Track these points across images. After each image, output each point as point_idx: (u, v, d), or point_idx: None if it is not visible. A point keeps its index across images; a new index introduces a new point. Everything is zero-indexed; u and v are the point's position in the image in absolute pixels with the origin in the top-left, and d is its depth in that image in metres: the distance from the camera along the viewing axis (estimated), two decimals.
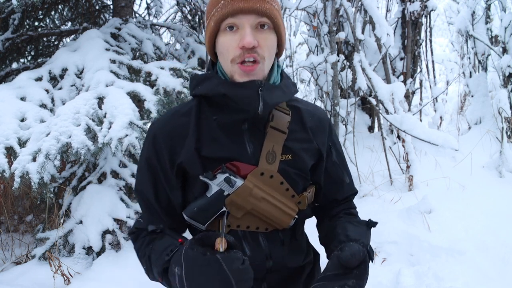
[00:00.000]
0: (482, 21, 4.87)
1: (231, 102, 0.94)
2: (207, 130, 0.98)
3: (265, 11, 0.90)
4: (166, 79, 2.71)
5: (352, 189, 1.17)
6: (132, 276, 2.33)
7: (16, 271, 2.45)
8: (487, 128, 4.19)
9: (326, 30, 3.80)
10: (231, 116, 0.96)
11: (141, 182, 1.02)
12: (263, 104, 0.92)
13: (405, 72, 4.36)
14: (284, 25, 1.00)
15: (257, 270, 0.95)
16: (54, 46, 4.32)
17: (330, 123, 1.12)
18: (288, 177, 1.00)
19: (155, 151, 0.99)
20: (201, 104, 1.01)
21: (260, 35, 0.91)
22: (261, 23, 0.91)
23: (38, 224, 3.26)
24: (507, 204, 3.04)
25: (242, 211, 0.97)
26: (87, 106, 2.44)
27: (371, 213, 3.04)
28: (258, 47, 0.90)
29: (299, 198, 1.03)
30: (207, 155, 0.96)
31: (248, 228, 1.00)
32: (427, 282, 2.36)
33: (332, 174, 1.11)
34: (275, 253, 1.02)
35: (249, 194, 0.95)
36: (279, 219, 1.00)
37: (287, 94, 1.00)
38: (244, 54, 0.90)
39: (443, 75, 8.84)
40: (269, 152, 0.98)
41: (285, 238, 1.04)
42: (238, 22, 0.90)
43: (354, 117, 3.95)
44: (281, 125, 1.00)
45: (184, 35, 4.23)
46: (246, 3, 0.89)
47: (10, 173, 2.14)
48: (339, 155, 1.14)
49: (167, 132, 0.99)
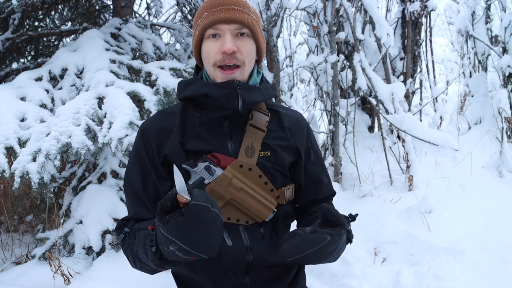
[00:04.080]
0: (482, 21, 4.86)
1: (213, 101, 1.02)
2: (191, 127, 1.07)
3: (243, 21, 1.01)
4: (166, 79, 2.71)
5: (331, 190, 1.24)
6: (132, 276, 2.33)
7: (16, 271, 2.45)
8: (487, 128, 4.19)
9: (326, 30, 3.80)
10: (212, 113, 1.05)
11: (130, 174, 1.09)
12: (242, 102, 1.01)
13: (405, 72, 4.36)
14: (263, 34, 1.12)
15: (238, 262, 1.04)
16: (54, 46, 4.32)
17: (308, 126, 1.21)
18: (267, 171, 1.07)
19: (144, 145, 1.07)
20: (186, 106, 1.10)
21: (240, 42, 1.02)
22: (240, 31, 1.02)
23: (38, 224, 3.26)
24: (507, 204, 3.04)
25: (222, 201, 1.03)
26: (87, 106, 2.44)
27: (371, 213, 3.04)
28: (238, 53, 1.01)
29: (278, 192, 1.09)
30: (191, 148, 1.04)
31: (229, 220, 1.05)
32: (427, 282, 2.36)
33: (311, 174, 1.19)
34: (255, 247, 1.06)
35: (228, 183, 1.02)
36: (258, 210, 1.05)
37: (265, 95, 1.09)
38: (225, 59, 1.01)
39: (443, 75, 8.84)
40: (248, 147, 1.06)
41: (266, 232, 1.09)
42: (220, 31, 1.01)
43: (354, 117, 3.95)
44: (260, 124, 1.09)
45: (184, 35, 4.23)
46: (227, 14, 1.00)
47: (10, 173, 2.14)
48: (318, 156, 1.22)
49: (155, 128, 1.08)
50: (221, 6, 1.02)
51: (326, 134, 4.11)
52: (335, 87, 3.70)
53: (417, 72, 4.56)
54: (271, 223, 1.10)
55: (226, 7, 1.01)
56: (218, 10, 1.01)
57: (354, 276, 2.50)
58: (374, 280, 2.46)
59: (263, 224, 1.08)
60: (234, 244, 1.04)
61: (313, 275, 2.59)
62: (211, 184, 1.01)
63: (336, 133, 3.71)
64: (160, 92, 2.65)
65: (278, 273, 1.11)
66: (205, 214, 0.83)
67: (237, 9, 1.02)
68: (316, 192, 1.20)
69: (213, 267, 1.05)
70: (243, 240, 1.05)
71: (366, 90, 3.59)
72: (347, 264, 2.58)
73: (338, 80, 3.75)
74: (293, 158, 1.14)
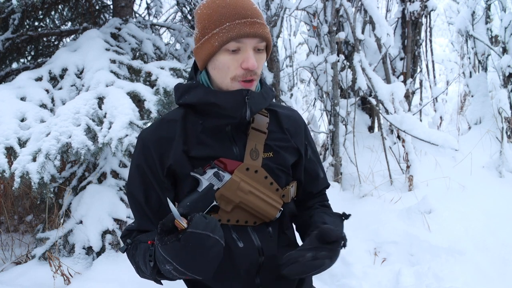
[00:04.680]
0: (482, 21, 4.86)
1: (219, 109, 1.02)
2: (193, 134, 1.06)
3: (265, 36, 1.01)
4: (166, 79, 2.71)
5: (325, 183, 1.28)
6: (132, 276, 2.33)
7: (16, 271, 2.45)
8: (487, 128, 4.19)
9: (326, 30, 3.80)
10: (217, 121, 1.05)
11: (132, 186, 1.09)
12: (250, 111, 1.02)
13: (405, 72, 4.36)
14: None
15: (250, 263, 1.05)
16: (54, 46, 4.32)
17: (304, 124, 1.23)
18: (271, 172, 1.09)
19: (145, 157, 1.06)
20: (186, 112, 1.09)
21: (258, 57, 1.02)
22: (259, 46, 1.01)
23: (38, 224, 3.26)
24: (507, 204, 3.04)
25: (231, 205, 1.04)
26: (87, 106, 2.44)
27: (371, 213, 3.04)
28: (256, 68, 1.01)
29: (283, 191, 1.11)
30: (196, 155, 1.04)
31: (238, 222, 1.06)
32: (427, 282, 2.36)
33: (309, 170, 1.22)
34: (266, 246, 1.08)
35: (237, 187, 1.03)
36: (265, 211, 1.07)
37: (267, 100, 1.10)
38: (247, 75, 1.00)
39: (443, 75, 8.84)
40: (252, 150, 1.07)
41: (273, 232, 1.11)
42: (242, 45, 0.99)
43: (354, 117, 3.95)
44: (261, 126, 1.10)
45: (184, 35, 4.23)
46: (252, 29, 0.98)
47: (10, 173, 2.14)
48: (314, 152, 1.25)
49: (155, 138, 1.07)
50: (245, 18, 0.98)
51: (326, 134, 4.11)
52: (335, 87, 3.70)
53: (417, 72, 4.56)
54: (277, 222, 1.12)
55: (249, 19, 0.98)
56: (242, 23, 0.97)
57: (354, 276, 2.50)
58: (374, 280, 2.46)
59: (271, 224, 1.10)
60: (245, 245, 1.05)
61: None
62: (220, 190, 1.02)
63: (336, 133, 3.71)
64: (160, 92, 2.65)
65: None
66: (203, 241, 0.86)
67: (260, 23, 1.00)
68: (313, 187, 1.24)
69: (225, 270, 1.06)
70: (253, 240, 1.07)
71: (366, 90, 3.59)
72: (347, 264, 2.58)
73: (338, 80, 3.75)
74: (295, 158, 1.16)
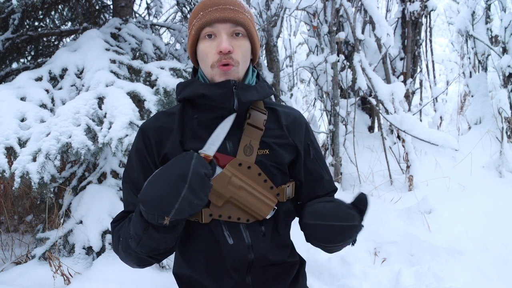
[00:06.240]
0: (482, 21, 4.87)
1: (210, 101, 1.04)
2: (189, 128, 1.08)
3: (238, 20, 1.03)
4: (166, 79, 2.71)
5: (332, 186, 1.25)
6: (132, 276, 2.34)
7: (16, 271, 2.45)
8: (487, 128, 4.19)
9: (326, 30, 3.80)
10: (210, 113, 1.06)
11: (130, 169, 1.11)
12: (238, 101, 1.03)
13: (405, 72, 4.36)
14: (258, 34, 1.12)
15: (240, 261, 1.05)
16: (54, 46, 4.32)
17: (306, 123, 1.21)
18: (266, 169, 1.08)
19: (144, 143, 1.09)
20: (185, 107, 1.13)
21: (235, 42, 1.03)
22: (236, 31, 1.03)
23: (38, 224, 3.27)
24: (507, 204, 3.04)
25: (222, 199, 1.04)
26: (87, 106, 2.44)
27: (371, 213, 3.03)
28: (233, 53, 1.02)
29: (278, 190, 1.09)
30: (189, 148, 1.05)
31: (230, 219, 1.06)
32: (427, 282, 2.36)
33: (311, 171, 1.19)
34: (257, 245, 1.07)
35: (227, 182, 1.03)
36: (258, 208, 1.06)
37: (261, 94, 1.09)
38: (221, 58, 1.02)
39: (443, 75, 8.85)
40: (246, 146, 1.07)
41: (267, 231, 1.09)
42: (215, 31, 1.02)
43: (354, 117, 3.95)
44: (258, 122, 1.09)
45: (184, 35, 4.23)
46: (222, 13, 1.02)
47: (10, 173, 2.14)
48: (317, 153, 1.22)
49: (155, 127, 1.10)
50: (217, 6, 1.03)
51: (326, 134, 4.11)
52: (335, 87, 3.70)
53: (417, 72, 4.56)
54: (271, 221, 1.10)
55: (221, 6, 1.03)
56: (213, 10, 1.03)
57: (354, 276, 2.50)
58: (374, 280, 2.46)
59: (264, 222, 1.09)
60: (235, 242, 1.05)
61: (313, 275, 2.59)
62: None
63: (336, 133, 3.71)
64: (160, 92, 2.65)
65: (279, 272, 1.12)
66: (173, 160, 0.93)
67: (232, 9, 1.04)
68: (317, 189, 1.20)
69: (215, 266, 1.06)
70: (244, 238, 1.06)
71: (366, 90, 3.59)
72: (347, 264, 2.58)
73: (338, 80, 3.75)
74: (292, 156, 1.14)
